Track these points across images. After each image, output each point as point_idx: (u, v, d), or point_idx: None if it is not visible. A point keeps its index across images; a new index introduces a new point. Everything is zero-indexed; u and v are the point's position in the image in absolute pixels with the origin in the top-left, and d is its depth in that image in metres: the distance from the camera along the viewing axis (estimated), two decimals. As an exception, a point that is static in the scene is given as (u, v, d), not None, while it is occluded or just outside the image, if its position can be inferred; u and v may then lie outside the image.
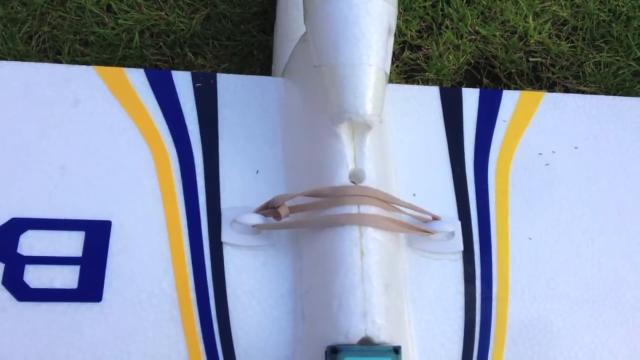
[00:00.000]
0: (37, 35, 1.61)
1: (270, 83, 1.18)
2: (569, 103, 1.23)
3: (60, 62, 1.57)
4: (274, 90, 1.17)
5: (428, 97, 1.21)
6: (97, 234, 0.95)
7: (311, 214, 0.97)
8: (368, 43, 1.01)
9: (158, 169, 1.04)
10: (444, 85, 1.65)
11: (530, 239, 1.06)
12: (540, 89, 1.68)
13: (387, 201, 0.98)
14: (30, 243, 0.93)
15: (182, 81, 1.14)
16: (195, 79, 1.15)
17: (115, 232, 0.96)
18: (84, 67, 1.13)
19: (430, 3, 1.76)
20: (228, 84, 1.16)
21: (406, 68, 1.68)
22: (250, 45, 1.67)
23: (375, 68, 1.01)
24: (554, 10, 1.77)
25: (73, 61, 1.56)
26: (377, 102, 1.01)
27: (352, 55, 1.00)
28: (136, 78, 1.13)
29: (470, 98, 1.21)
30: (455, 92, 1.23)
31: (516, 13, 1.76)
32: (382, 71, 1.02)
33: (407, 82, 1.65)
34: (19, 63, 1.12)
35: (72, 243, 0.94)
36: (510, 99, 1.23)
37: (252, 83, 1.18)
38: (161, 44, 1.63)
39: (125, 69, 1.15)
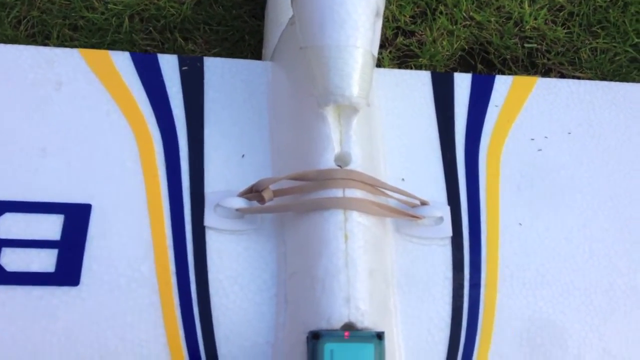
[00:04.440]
0: (25, 19, 1.59)
1: (258, 67, 1.17)
2: (563, 88, 1.22)
3: (48, 46, 1.55)
4: (261, 73, 1.15)
5: (419, 82, 1.19)
6: (76, 217, 0.93)
7: (296, 197, 0.95)
8: (355, 24, 0.99)
9: (141, 152, 1.02)
10: (438, 71, 1.63)
11: (520, 224, 1.04)
12: (535, 75, 1.65)
13: (374, 185, 0.96)
14: (8, 226, 0.92)
15: (168, 64, 1.13)
16: (181, 62, 1.13)
17: (95, 216, 0.94)
18: (67, 49, 1.12)
19: (425, -12, 1.73)
20: (215, 68, 1.14)
21: (399, 54, 1.65)
22: (242, 31, 1.65)
23: (362, 50, 0.99)
24: (551, -4, 1.74)
25: (61, 46, 1.54)
26: (363, 84, 0.99)
27: (338, 37, 0.98)
28: (121, 61, 1.11)
29: (462, 83, 1.19)
30: (447, 77, 1.21)
31: (512, -1, 1.73)
32: (369, 53, 1.01)
33: (400, 68, 1.63)
34: (1, 45, 1.10)
35: (50, 226, 0.92)
36: (503, 83, 1.21)
37: (239, 67, 1.16)
38: (151, 28, 1.61)
39: (110, 52, 1.13)
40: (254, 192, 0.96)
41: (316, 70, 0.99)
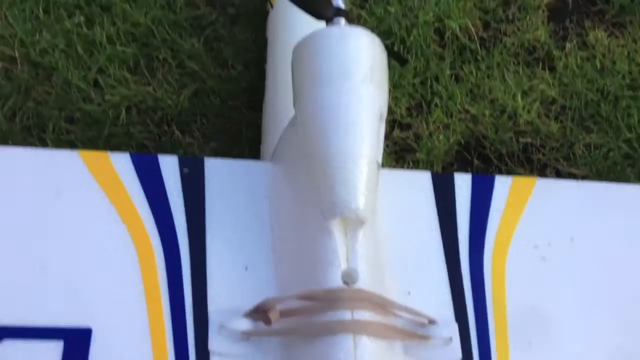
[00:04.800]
0: (21, 111, 1.58)
1: (259, 168, 1.16)
2: (562, 190, 1.21)
3: (44, 140, 1.54)
4: (262, 175, 1.14)
5: (420, 183, 1.18)
6: (76, 343, 0.89)
7: (303, 319, 0.93)
8: (359, 132, 0.98)
9: (142, 267, 0.99)
10: (435, 167, 1.64)
11: (530, 344, 1.01)
12: (531, 170, 1.66)
13: (382, 305, 0.94)
14: (7, 354, 0.88)
15: (169, 166, 1.11)
16: (182, 164, 1.11)
17: (95, 341, 0.90)
18: (68, 152, 1.10)
19: (420, 80, 1.76)
20: (216, 169, 1.12)
21: (396, 148, 1.66)
22: (239, 123, 1.65)
23: (367, 159, 0.98)
24: (542, 89, 1.77)
25: (57, 139, 1.53)
26: (369, 195, 0.98)
27: (342, 146, 0.97)
28: (121, 163, 1.09)
29: (463, 184, 1.18)
30: (447, 178, 1.20)
31: (504, 91, 1.76)
32: (374, 162, 1.00)
33: (397, 163, 1.64)
34: (1, 148, 1.09)
35: (50, 354, 0.88)
36: (502, 185, 1.20)
37: (240, 168, 1.15)
38: (148, 121, 1.61)
39: (110, 154, 1.11)
40: (259, 312, 0.94)
41: (320, 179, 0.98)
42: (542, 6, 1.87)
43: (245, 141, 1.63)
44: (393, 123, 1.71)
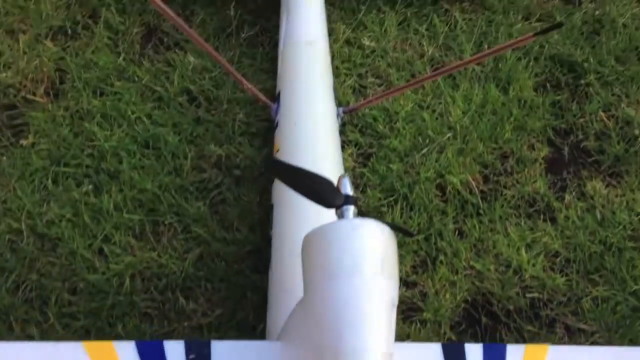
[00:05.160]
0: (24, 284, 1.57)
1: (267, 349, 1.14)
2: (574, 356, 1.19)
3: (46, 313, 1.52)
4: (270, 357, 1.12)
5: (430, 355, 1.16)
6: None
7: None
8: (372, 326, 0.97)
9: None
10: (443, 327, 1.61)
11: None
12: (540, 327, 1.64)
13: None
14: None
15: (175, 352, 1.09)
16: (188, 350, 1.10)
17: None
18: (72, 344, 1.08)
19: (424, 237, 1.77)
20: (222, 352, 1.11)
21: (403, 307, 1.64)
22: (244, 287, 1.64)
23: (380, 353, 0.96)
24: (545, 242, 1.78)
25: (59, 312, 1.52)
26: None
27: (355, 341, 0.96)
28: (126, 353, 1.07)
29: (474, 355, 1.17)
30: (458, 349, 1.18)
31: (508, 245, 1.77)
32: (388, 354, 0.98)
33: (404, 323, 1.61)
34: (2, 344, 1.07)
35: None
36: (515, 354, 1.18)
37: (247, 350, 1.13)
38: (152, 288, 1.60)
39: (114, 343, 1.10)
40: None
41: None
42: (539, 159, 1.91)
43: (250, 306, 1.61)
44: (399, 281, 1.70)
